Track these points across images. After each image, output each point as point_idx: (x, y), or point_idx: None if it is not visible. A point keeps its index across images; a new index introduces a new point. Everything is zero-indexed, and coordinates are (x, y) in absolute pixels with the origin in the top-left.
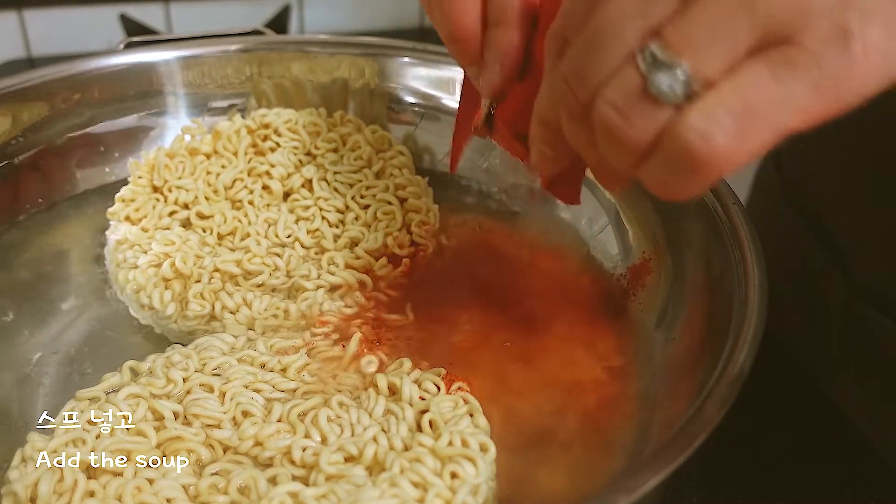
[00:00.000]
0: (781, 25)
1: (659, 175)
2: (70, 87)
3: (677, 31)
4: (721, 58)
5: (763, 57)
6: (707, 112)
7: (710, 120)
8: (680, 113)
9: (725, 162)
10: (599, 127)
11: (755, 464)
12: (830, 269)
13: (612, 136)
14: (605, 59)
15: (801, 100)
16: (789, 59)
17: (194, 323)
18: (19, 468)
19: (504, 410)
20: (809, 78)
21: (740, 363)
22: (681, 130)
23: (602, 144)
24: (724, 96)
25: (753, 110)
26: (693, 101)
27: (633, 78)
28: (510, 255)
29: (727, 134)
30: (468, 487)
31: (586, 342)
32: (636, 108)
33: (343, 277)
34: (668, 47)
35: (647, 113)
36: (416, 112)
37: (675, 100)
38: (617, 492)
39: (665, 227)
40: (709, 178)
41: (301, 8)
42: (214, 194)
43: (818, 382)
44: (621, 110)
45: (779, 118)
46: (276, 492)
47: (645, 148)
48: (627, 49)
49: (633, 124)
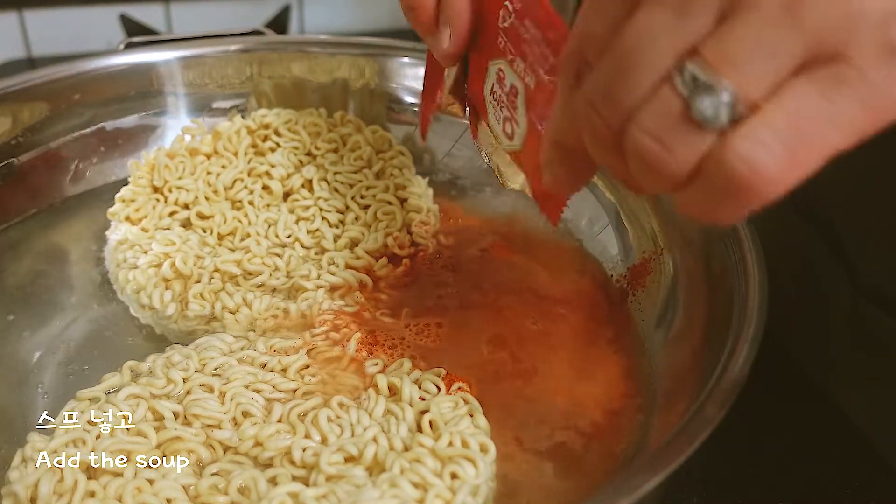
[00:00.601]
0: (829, 40)
1: (701, 202)
2: (70, 87)
3: (718, 49)
4: (766, 77)
5: (810, 75)
6: (755, 137)
7: (759, 146)
8: (725, 138)
9: (773, 189)
10: (634, 154)
11: (755, 464)
12: (834, 269)
13: (650, 164)
14: (637, 81)
15: (850, 117)
16: (838, 76)
17: (194, 323)
18: (19, 468)
19: (503, 410)
20: (858, 94)
21: (740, 363)
22: (727, 158)
23: (637, 171)
24: (771, 119)
25: (803, 133)
26: (738, 125)
27: (671, 101)
28: (510, 255)
29: (777, 160)
30: (468, 488)
31: (586, 342)
32: (676, 134)
33: (343, 277)
34: (709, 67)
35: (688, 140)
36: (416, 112)
37: (719, 124)
38: (617, 492)
39: (665, 227)
40: (755, 204)
41: (301, 8)
42: (214, 194)
43: (818, 382)
44: (660, 138)
45: (828, 138)
46: (276, 492)
47: (686, 176)
48: (663, 70)
49: (673, 153)
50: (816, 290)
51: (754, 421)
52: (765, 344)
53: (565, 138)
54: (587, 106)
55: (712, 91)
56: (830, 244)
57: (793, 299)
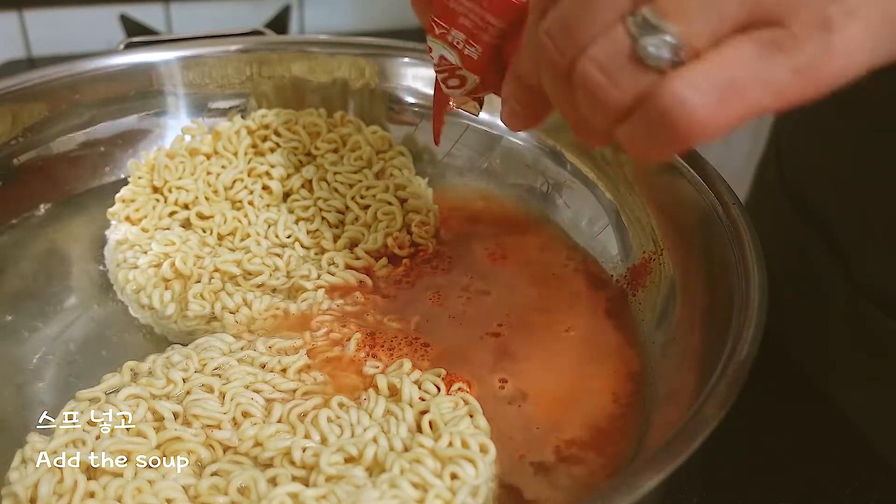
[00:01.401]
0: (771, 6)
1: (635, 137)
2: (70, 88)
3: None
4: (710, 28)
5: (751, 35)
6: (690, 81)
7: (692, 89)
8: (663, 78)
9: (700, 132)
10: (581, 84)
11: (755, 464)
12: (832, 268)
13: (594, 94)
14: (594, 18)
15: (781, 81)
16: (775, 41)
17: (194, 323)
18: (19, 469)
19: (503, 410)
20: (791, 62)
21: (740, 363)
22: (662, 96)
23: (583, 102)
24: (708, 67)
25: (735, 85)
26: (677, 69)
27: (621, 39)
28: (510, 255)
29: (706, 105)
30: (468, 488)
31: (586, 342)
32: (621, 69)
33: (343, 278)
34: (660, 12)
35: (631, 75)
36: (416, 112)
37: (661, 65)
38: (617, 492)
39: (665, 227)
40: (682, 144)
41: (301, 8)
42: (214, 194)
43: (818, 382)
44: (606, 70)
45: (757, 96)
46: (276, 492)
47: (625, 109)
48: (619, 10)
49: (616, 85)
50: (816, 291)
51: (754, 421)
52: (765, 344)
53: (527, 73)
54: (545, 35)
55: (659, 33)
56: (830, 244)
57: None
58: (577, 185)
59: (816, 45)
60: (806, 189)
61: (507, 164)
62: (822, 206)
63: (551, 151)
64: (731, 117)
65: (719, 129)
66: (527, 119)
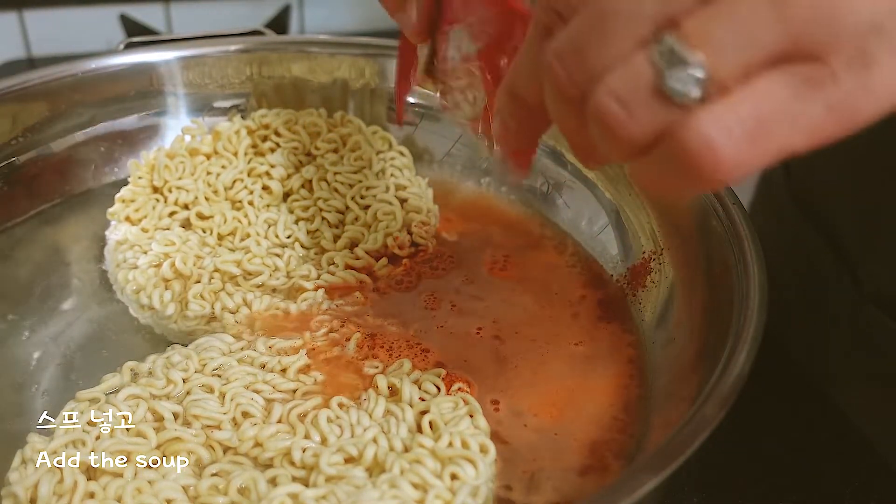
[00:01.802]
0: (809, 40)
1: (653, 174)
2: (70, 87)
3: (699, 26)
4: (741, 60)
5: (785, 70)
6: (718, 119)
7: (721, 128)
8: (688, 115)
9: (727, 173)
10: (596, 115)
11: (755, 464)
12: (838, 272)
13: (611, 129)
14: (612, 42)
15: (814, 120)
16: (812, 78)
17: (194, 323)
18: (19, 469)
19: (503, 411)
20: (827, 99)
21: (740, 363)
22: (688, 134)
23: (596, 133)
24: (738, 105)
25: (766, 125)
26: (705, 105)
27: (643, 69)
28: (509, 255)
29: (734, 146)
30: (468, 489)
31: (586, 343)
32: (642, 103)
33: (343, 278)
34: (688, 42)
35: (653, 110)
36: (416, 112)
37: (687, 101)
38: (617, 492)
39: (665, 227)
40: (706, 186)
41: (301, 8)
42: (214, 195)
43: (818, 382)
44: (625, 103)
45: (789, 136)
46: (275, 493)
47: (644, 145)
48: (640, 36)
49: (636, 120)
50: (816, 291)
51: (754, 421)
52: (765, 344)
53: (524, 90)
54: (555, 59)
55: (686, 66)
56: (832, 245)
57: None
58: (577, 185)
59: (855, 82)
60: (812, 191)
61: None
62: (828, 209)
63: (551, 151)
64: (759, 159)
65: (745, 171)
66: (520, 136)
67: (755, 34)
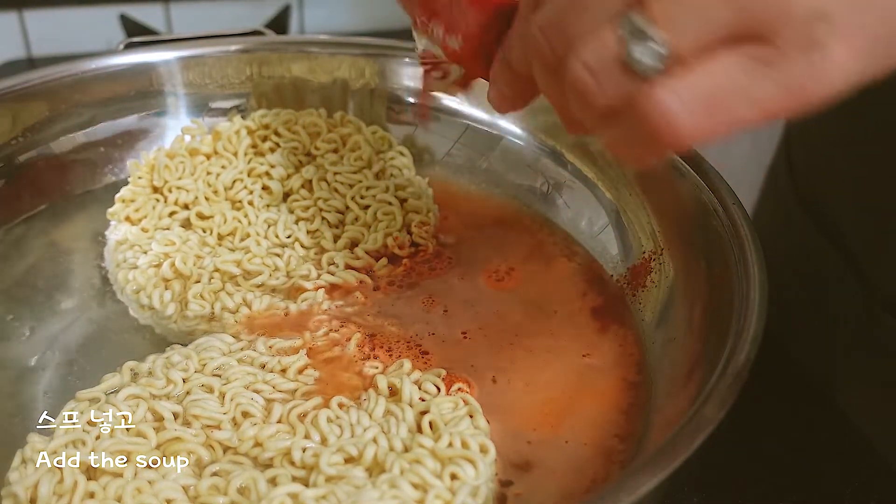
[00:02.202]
0: (760, 22)
1: (618, 139)
2: (70, 87)
3: (662, 5)
4: (697, 37)
5: (738, 49)
6: (675, 90)
7: (676, 98)
8: (648, 85)
9: (681, 141)
10: (570, 83)
11: (755, 464)
12: (841, 272)
13: (582, 94)
14: (586, 17)
15: (764, 97)
16: (762, 57)
17: (194, 323)
18: (19, 469)
19: (503, 411)
20: (776, 78)
21: (740, 363)
22: (646, 103)
23: (571, 99)
24: (693, 78)
25: (718, 97)
26: (663, 76)
27: (610, 42)
28: (509, 255)
29: (689, 115)
30: (468, 489)
31: (586, 343)
32: (608, 72)
33: (343, 277)
34: (649, 17)
35: (617, 79)
36: (416, 112)
37: (647, 72)
38: (617, 492)
39: (665, 227)
40: (664, 152)
41: (301, 8)
42: (214, 195)
43: (818, 382)
44: (593, 71)
45: (740, 110)
46: (275, 493)
47: (611, 111)
48: (611, 12)
49: (602, 87)
50: (818, 290)
51: (754, 421)
52: (765, 344)
53: (515, 60)
54: (538, 31)
55: (649, 41)
56: (835, 244)
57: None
58: (577, 185)
59: (802, 64)
60: (817, 192)
61: (507, 164)
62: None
63: (551, 151)
64: (712, 129)
65: (698, 140)
66: (514, 101)
67: (710, 16)
